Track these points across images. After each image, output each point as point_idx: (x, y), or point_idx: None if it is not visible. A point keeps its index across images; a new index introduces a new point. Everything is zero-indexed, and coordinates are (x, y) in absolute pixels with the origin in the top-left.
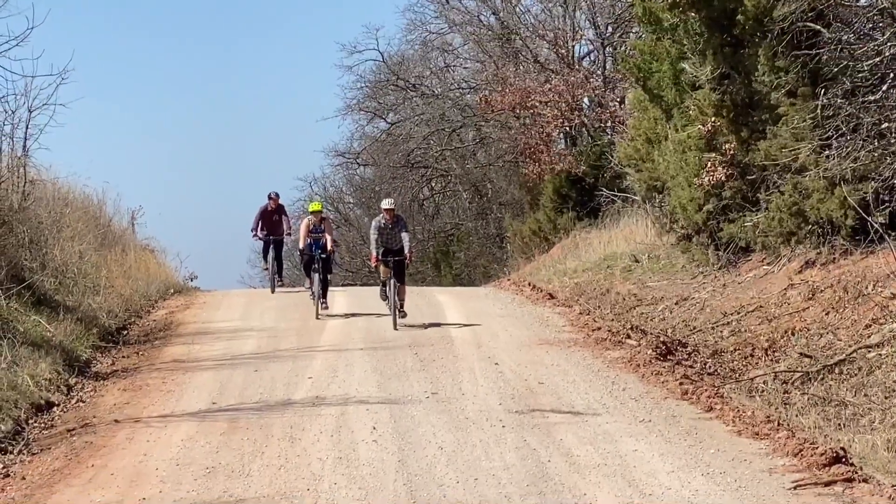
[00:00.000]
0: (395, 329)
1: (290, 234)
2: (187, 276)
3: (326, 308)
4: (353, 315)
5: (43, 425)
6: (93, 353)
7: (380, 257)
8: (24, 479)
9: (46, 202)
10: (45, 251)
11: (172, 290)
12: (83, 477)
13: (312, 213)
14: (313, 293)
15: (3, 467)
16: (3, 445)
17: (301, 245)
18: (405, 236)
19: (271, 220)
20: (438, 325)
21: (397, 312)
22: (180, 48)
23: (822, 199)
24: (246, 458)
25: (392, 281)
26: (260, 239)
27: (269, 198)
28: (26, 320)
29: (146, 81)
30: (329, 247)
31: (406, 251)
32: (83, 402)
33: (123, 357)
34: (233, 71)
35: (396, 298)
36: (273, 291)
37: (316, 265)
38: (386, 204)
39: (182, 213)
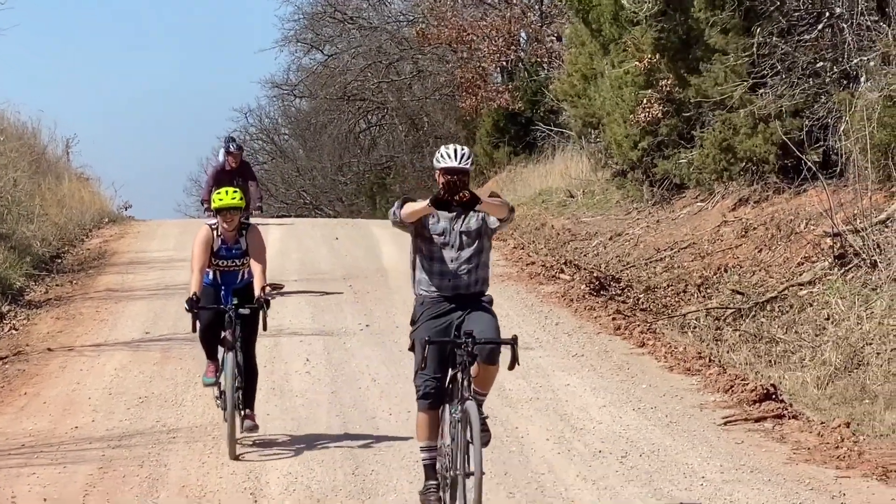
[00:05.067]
0: None
1: (261, 208)
2: (122, 206)
3: (253, 428)
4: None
5: None
6: (26, 281)
7: (431, 336)
8: None
9: None
10: None
11: (107, 219)
12: (15, 405)
13: (221, 212)
14: (220, 394)
15: None
16: None
17: (194, 285)
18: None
19: (231, 185)
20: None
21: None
22: None
23: (748, 135)
24: (179, 388)
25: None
26: (214, 215)
27: (228, 152)
28: None
29: (82, 9)
30: (259, 290)
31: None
32: (16, 330)
33: (57, 286)
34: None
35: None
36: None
37: (228, 333)
38: (447, 159)
39: (118, 142)
